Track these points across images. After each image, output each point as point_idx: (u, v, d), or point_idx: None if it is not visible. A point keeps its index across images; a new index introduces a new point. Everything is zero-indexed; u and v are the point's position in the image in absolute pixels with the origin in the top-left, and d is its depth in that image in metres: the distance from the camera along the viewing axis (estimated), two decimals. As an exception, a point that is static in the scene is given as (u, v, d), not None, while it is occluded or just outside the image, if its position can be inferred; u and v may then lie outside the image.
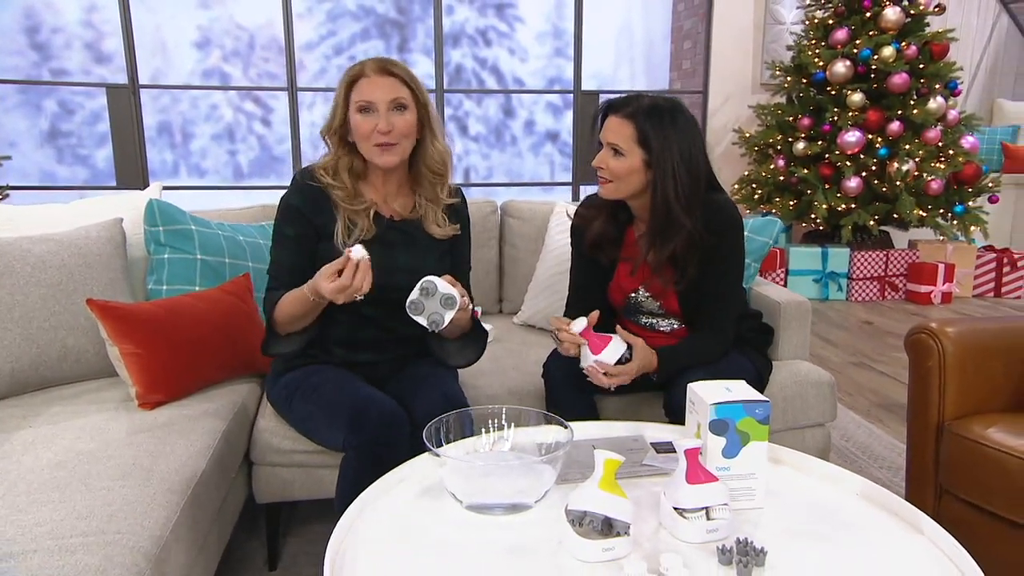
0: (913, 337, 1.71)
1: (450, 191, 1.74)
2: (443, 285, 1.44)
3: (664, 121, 1.62)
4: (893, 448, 2.58)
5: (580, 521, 1.13)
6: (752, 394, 1.25)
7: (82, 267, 1.82)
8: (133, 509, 1.24)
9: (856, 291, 4.87)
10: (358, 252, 1.42)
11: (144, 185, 5.07)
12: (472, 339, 1.72)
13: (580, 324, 1.60)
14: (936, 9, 4.75)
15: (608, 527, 1.12)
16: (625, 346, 1.61)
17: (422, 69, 6.09)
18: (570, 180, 5.61)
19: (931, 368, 1.67)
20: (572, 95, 5.42)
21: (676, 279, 1.71)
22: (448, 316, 1.45)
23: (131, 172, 5.05)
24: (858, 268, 4.85)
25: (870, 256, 4.83)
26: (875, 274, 4.87)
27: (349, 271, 1.41)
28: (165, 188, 2.33)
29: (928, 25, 4.79)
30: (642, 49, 6.64)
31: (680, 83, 6.32)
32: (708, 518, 1.15)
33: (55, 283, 1.77)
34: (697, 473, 1.16)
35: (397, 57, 6.11)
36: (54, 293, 1.77)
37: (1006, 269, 4.95)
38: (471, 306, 1.59)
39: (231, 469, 1.65)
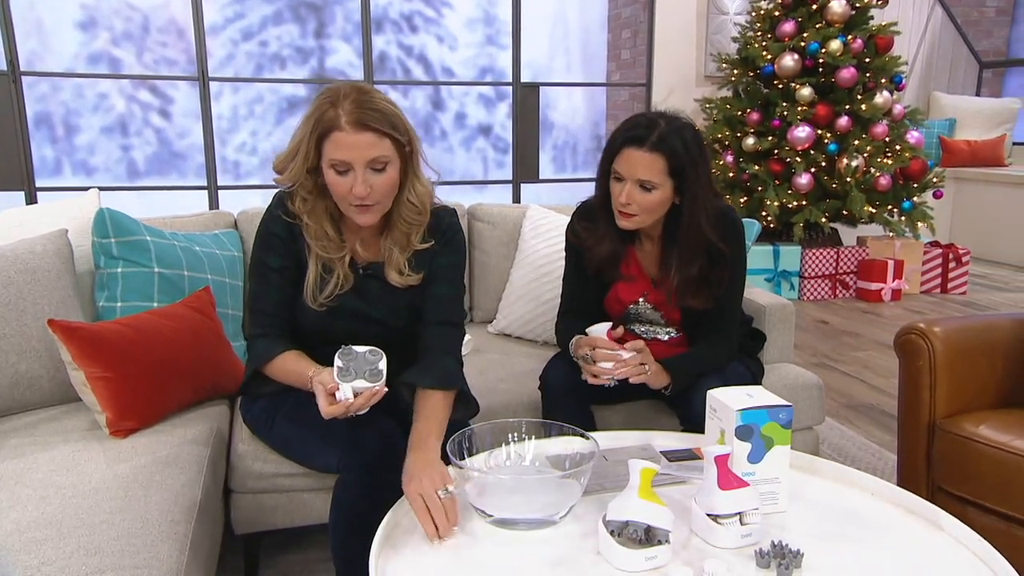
0: (903, 338, 1.91)
1: (425, 235, 1.69)
2: (359, 348, 1.47)
3: (689, 144, 1.72)
4: (867, 449, 2.80)
5: (621, 531, 1.24)
6: (774, 399, 1.40)
7: (30, 284, 1.80)
8: (143, 542, 1.28)
9: (808, 290, 5.18)
10: (346, 394, 1.43)
11: (27, 185, 4.91)
12: (462, 402, 1.68)
13: (604, 326, 1.76)
14: (879, 2, 5.12)
15: (648, 536, 1.23)
16: None
17: (342, 57, 6.08)
18: (510, 178, 5.73)
19: (922, 367, 1.86)
20: (511, 87, 5.54)
21: (706, 296, 1.82)
22: (382, 364, 1.45)
23: (11, 171, 4.87)
24: (809, 266, 5.15)
25: (821, 254, 5.15)
26: (826, 272, 5.19)
27: (342, 407, 1.44)
28: (101, 189, 2.31)
29: (872, 18, 5.14)
30: (578, 38, 6.83)
31: (619, 74, 6.53)
32: (742, 523, 1.28)
33: (3, 302, 1.76)
34: (729, 479, 1.29)
35: (314, 44, 6.11)
36: (3, 313, 1.75)
37: (952, 265, 5.35)
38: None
39: (217, 497, 1.68)
